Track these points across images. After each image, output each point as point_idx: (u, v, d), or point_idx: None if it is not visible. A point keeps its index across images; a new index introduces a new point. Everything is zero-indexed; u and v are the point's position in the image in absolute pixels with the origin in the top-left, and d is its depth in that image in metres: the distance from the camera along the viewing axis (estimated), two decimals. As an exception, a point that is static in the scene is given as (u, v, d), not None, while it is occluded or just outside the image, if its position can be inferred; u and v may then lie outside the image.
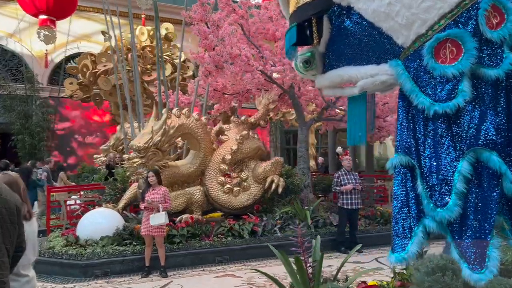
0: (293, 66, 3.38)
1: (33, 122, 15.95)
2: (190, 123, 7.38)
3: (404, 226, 2.64)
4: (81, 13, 17.38)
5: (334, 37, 2.90)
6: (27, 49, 16.46)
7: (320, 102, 8.60)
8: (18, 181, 2.93)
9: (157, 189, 5.97)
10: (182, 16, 17.28)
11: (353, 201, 7.19)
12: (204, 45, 6.77)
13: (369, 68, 2.75)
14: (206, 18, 6.64)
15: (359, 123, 2.90)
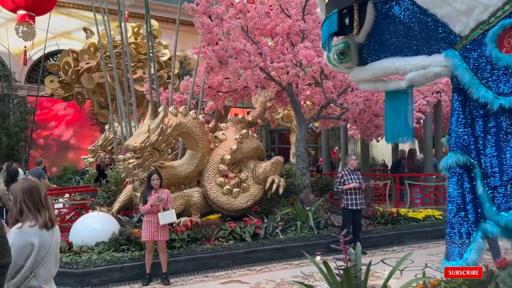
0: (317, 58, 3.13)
1: (11, 122, 15.27)
2: (188, 122, 7.05)
3: (461, 232, 2.43)
4: (60, 9, 16.71)
5: (378, 26, 2.68)
6: (4, 46, 15.71)
7: (318, 100, 8.41)
8: (38, 186, 2.64)
9: (160, 191, 5.65)
10: (167, 13, 16.85)
11: (357, 201, 7.02)
12: (207, 39, 6.46)
13: (419, 59, 2.53)
14: (209, 10, 6.33)
15: (404, 118, 2.67)
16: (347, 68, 3.05)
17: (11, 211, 2.59)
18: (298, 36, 7.67)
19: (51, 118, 17.34)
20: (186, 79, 8.78)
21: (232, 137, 7.76)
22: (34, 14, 13.11)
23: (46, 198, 2.61)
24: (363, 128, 8.61)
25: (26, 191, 2.54)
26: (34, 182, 2.69)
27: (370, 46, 2.78)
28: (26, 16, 12.89)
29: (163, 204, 5.50)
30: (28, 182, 2.66)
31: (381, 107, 7.99)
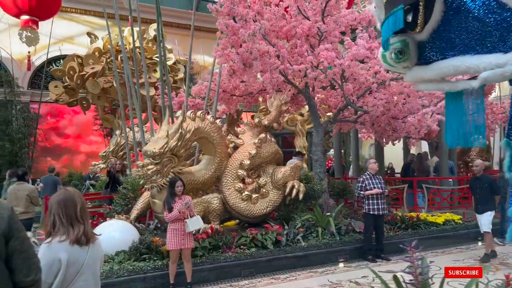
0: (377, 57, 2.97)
1: (14, 128, 15.04)
2: (206, 127, 6.88)
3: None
4: (63, 14, 16.57)
5: (447, 22, 2.52)
6: (6, 52, 15.50)
7: (334, 103, 8.26)
8: (75, 198, 2.44)
9: (183, 198, 5.48)
10: (170, 18, 16.63)
11: (379, 206, 6.88)
12: (231, 42, 6.30)
13: (495, 57, 2.36)
14: (233, 12, 6.18)
15: (477, 121, 2.52)
16: (404, 68, 2.89)
17: (45, 224, 2.42)
18: (315, 38, 7.54)
19: (63, 126, 17.20)
20: (199, 83, 8.60)
21: (250, 141, 7.61)
22: (37, 19, 12.92)
23: (84, 211, 2.43)
24: (380, 131, 8.47)
25: (61, 203, 2.39)
26: (71, 193, 2.49)
27: (435, 44, 2.62)
28: (29, 21, 12.71)
29: (189, 210, 5.33)
30: (64, 193, 2.49)
31: (400, 109, 7.87)
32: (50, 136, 16.99)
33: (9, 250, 1.77)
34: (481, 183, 7.03)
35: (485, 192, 6.98)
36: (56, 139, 17.05)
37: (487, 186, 6.96)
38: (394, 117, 8.01)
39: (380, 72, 6.97)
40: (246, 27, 6.09)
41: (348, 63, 6.54)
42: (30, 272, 1.87)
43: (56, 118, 17.23)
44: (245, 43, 6.15)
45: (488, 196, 6.97)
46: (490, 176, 7.50)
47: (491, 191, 6.97)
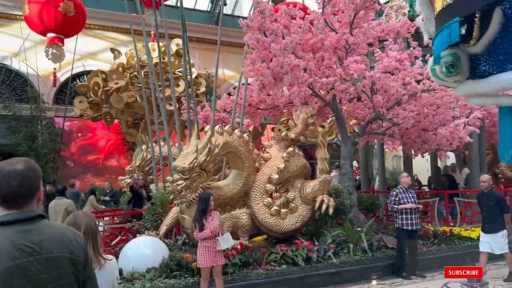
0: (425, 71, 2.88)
1: (39, 144, 15.28)
2: (234, 141, 6.84)
3: None
4: (87, 31, 16.87)
5: (505, 34, 2.42)
6: (32, 69, 15.86)
7: (362, 115, 8.14)
8: (79, 222, 2.41)
9: (213, 214, 5.42)
10: (190, 32, 16.78)
11: (413, 221, 6.68)
12: (262, 56, 6.28)
13: (560, 69, 2.26)
14: (264, 27, 6.17)
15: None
16: (455, 81, 2.80)
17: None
18: (342, 50, 7.47)
19: (94, 142, 17.44)
20: (225, 97, 8.60)
21: (277, 155, 7.52)
22: (63, 36, 13.19)
23: (87, 235, 2.36)
24: (409, 143, 8.29)
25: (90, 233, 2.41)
26: (76, 217, 2.49)
27: (492, 56, 2.52)
28: (55, 39, 12.96)
29: (220, 228, 5.27)
30: (72, 217, 2.51)
31: (430, 121, 7.69)
32: (82, 152, 17.25)
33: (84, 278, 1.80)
34: (488, 199, 6.58)
35: (493, 210, 6.51)
36: (88, 155, 17.28)
37: (494, 204, 6.50)
38: (424, 129, 7.83)
39: (411, 84, 6.84)
40: (277, 41, 6.06)
41: (379, 75, 6.43)
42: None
43: (87, 135, 17.49)
44: (275, 57, 6.10)
45: (495, 214, 6.48)
46: (498, 193, 7.01)
47: (499, 208, 6.50)
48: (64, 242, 1.71)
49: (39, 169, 1.80)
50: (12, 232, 1.63)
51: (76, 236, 1.79)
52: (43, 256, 1.64)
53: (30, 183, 1.70)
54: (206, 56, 18.44)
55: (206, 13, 20.94)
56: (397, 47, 6.95)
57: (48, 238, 1.68)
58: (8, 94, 15.76)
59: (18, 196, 1.68)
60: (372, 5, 6.92)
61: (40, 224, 1.70)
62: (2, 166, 1.71)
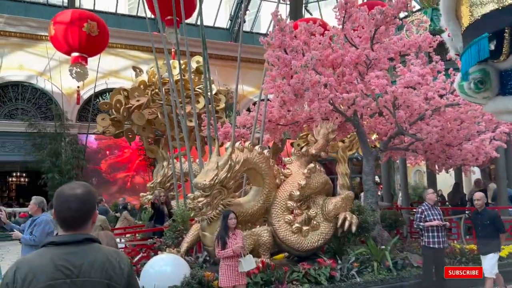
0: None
1: (63, 160, 15.61)
2: (254, 157, 6.81)
3: None
4: (109, 50, 17.32)
5: (537, 49, 2.34)
6: (57, 87, 16.31)
7: (384, 130, 8.03)
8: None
9: (236, 232, 5.37)
10: (209, 50, 16.97)
11: (439, 239, 6.46)
12: (283, 73, 6.29)
13: None
14: (284, 44, 6.20)
15: None
16: (484, 98, 2.72)
17: None
18: (363, 65, 7.42)
19: (124, 160, 17.76)
20: (244, 113, 8.63)
21: (298, 171, 7.46)
22: (86, 55, 13.56)
23: None
24: (433, 158, 8.12)
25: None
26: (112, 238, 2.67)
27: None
28: (79, 58, 13.34)
29: (243, 249, 5.21)
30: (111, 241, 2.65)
31: (455, 136, 7.53)
32: (112, 170, 17.55)
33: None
34: (483, 219, 6.19)
35: (487, 230, 6.12)
36: (117, 173, 17.57)
37: (488, 223, 6.11)
38: (449, 144, 7.67)
39: (434, 98, 6.73)
40: (297, 58, 6.07)
41: (401, 90, 6.35)
42: None
43: (115, 153, 17.79)
44: (296, 74, 6.11)
45: (490, 235, 6.08)
46: (494, 211, 6.59)
47: (494, 228, 6.09)
48: (104, 268, 1.75)
49: (95, 193, 1.91)
50: (58, 252, 1.73)
51: (121, 262, 1.81)
52: (80, 280, 1.70)
53: (87, 206, 1.82)
54: (225, 72, 18.66)
55: (225, 30, 21.26)
56: (419, 61, 6.87)
57: (90, 262, 1.73)
58: (34, 112, 16.21)
59: (76, 219, 1.79)
60: (393, 20, 6.88)
61: (86, 247, 1.77)
62: (63, 190, 1.82)
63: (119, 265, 1.80)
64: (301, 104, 6.61)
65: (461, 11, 2.63)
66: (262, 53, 8.04)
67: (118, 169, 17.54)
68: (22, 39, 16.37)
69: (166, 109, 10.81)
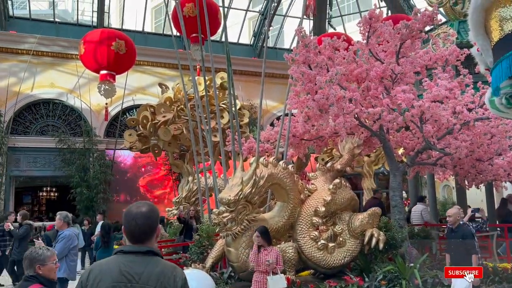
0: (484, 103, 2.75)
1: (91, 175, 15.96)
2: (279, 173, 6.79)
3: None
4: (136, 67, 17.75)
5: None
6: (86, 104, 16.78)
7: (411, 145, 7.89)
8: None
9: (270, 249, 5.34)
10: (234, 66, 17.26)
11: (470, 257, 6.26)
12: (307, 89, 6.31)
13: None
14: (309, 60, 6.24)
15: None
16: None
17: None
18: (388, 80, 7.36)
19: (160, 178, 18.06)
20: (268, 128, 8.65)
21: (323, 186, 7.39)
22: (114, 73, 13.93)
23: None
24: (462, 174, 7.91)
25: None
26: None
27: (558, 86, 2.38)
28: (107, 76, 13.71)
29: (271, 268, 5.17)
30: None
31: (485, 150, 7.33)
32: (150, 187, 17.89)
33: None
34: (455, 236, 5.76)
35: (459, 250, 5.70)
36: (155, 190, 17.87)
37: (461, 242, 5.72)
38: (479, 159, 7.47)
39: (462, 113, 6.59)
40: (322, 73, 6.08)
41: (428, 104, 6.26)
42: None
43: (151, 170, 18.08)
44: (320, 89, 6.11)
45: (463, 254, 5.67)
46: (467, 229, 6.03)
47: (466, 248, 5.66)
48: (160, 279, 2.01)
49: (158, 210, 2.20)
50: (124, 260, 2.04)
51: (176, 276, 2.08)
52: (138, 285, 1.98)
53: (151, 222, 2.11)
54: (249, 88, 18.82)
55: (249, 46, 21.50)
56: (446, 75, 6.76)
57: (149, 272, 2.01)
58: (64, 128, 16.69)
59: (142, 234, 2.08)
60: (418, 34, 6.82)
61: (148, 258, 2.05)
62: (131, 209, 2.14)
63: (174, 278, 2.05)
64: (326, 119, 6.58)
65: (490, 25, 2.60)
66: (285, 68, 8.07)
67: (155, 186, 17.86)
68: (53, 58, 16.98)
69: (191, 125, 10.98)
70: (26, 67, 15.77)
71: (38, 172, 16.51)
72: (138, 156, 17.08)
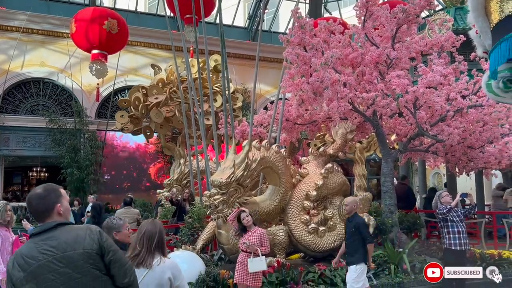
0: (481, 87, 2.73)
1: (82, 156, 15.80)
2: (271, 156, 6.77)
3: None
4: (128, 48, 17.44)
5: None
6: (77, 84, 16.52)
7: (404, 131, 7.88)
8: (140, 228, 3.00)
9: (253, 230, 5.34)
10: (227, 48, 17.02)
11: (461, 241, 6.34)
12: (302, 71, 6.24)
13: None
14: (304, 42, 6.14)
15: None
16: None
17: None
18: (383, 65, 7.31)
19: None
20: (262, 112, 8.59)
21: (315, 171, 7.40)
22: (106, 53, 13.69)
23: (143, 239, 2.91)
24: (454, 161, 7.94)
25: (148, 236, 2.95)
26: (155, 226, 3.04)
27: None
28: (99, 55, 13.48)
29: (250, 250, 5.15)
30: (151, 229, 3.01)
31: (477, 138, 7.35)
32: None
33: (106, 263, 2.30)
34: (350, 226, 5.64)
35: (353, 238, 5.55)
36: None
37: (354, 231, 5.56)
38: (470, 147, 7.49)
39: (456, 99, 6.57)
40: (317, 56, 6.00)
41: (422, 90, 6.23)
42: (125, 275, 2.36)
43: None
44: (315, 72, 6.04)
45: (356, 244, 5.53)
46: (361, 218, 5.90)
47: (360, 237, 5.52)
48: (77, 241, 2.25)
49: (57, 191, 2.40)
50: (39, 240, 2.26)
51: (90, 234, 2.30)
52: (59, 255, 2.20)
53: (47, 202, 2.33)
54: (243, 71, 18.64)
55: (244, 29, 21.24)
56: (442, 61, 6.72)
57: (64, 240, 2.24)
58: (54, 108, 16.45)
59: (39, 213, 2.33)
60: (415, 19, 6.75)
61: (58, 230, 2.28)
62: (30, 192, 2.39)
63: (89, 236, 2.28)
64: (320, 103, 6.53)
65: (491, 7, 2.55)
66: (280, 52, 7.95)
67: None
68: (44, 36, 16.61)
69: (184, 107, 10.86)
70: (16, 45, 15.42)
71: (28, 152, 16.29)
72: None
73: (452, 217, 6.38)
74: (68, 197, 2.56)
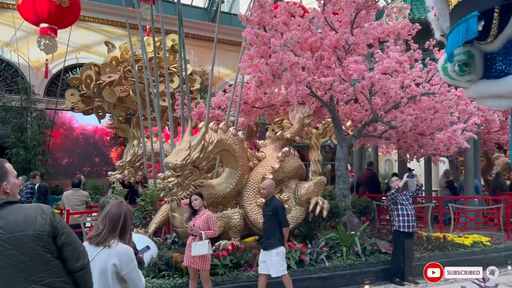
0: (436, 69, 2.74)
1: (29, 135, 14.98)
2: (228, 139, 6.67)
3: None
4: (80, 23, 16.56)
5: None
6: (24, 59, 15.54)
7: (359, 117, 8.01)
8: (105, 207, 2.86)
9: (201, 213, 5.23)
10: (186, 28, 16.62)
11: (409, 224, 6.57)
12: (261, 52, 6.11)
13: None
14: (264, 21, 6.01)
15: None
16: (467, 81, 2.66)
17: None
18: (341, 50, 7.34)
19: None
20: (220, 94, 8.43)
21: (272, 155, 7.38)
22: (56, 27, 12.90)
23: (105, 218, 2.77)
24: (405, 147, 8.18)
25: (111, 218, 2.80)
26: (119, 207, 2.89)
27: (510, 55, 2.38)
28: (48, 29, 12.66)
29: (194, 233, 5.06)
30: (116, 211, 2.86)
31: (428, 125, 7.59)
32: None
33: (58, 245, 2.16)
34: (267, 209, 5.55)
35: (270, 222, 5.44)
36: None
37: (271, 214, 5.45)
38: (422, 133, 7.73)
39: (410, 87, 6.72)
40: (276, 37, 5.91)
41: (378, 76, 6.31)
42: (78, 259, 2.22)
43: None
44: (274, 53, 5.95)
45: (273, 228, 5.42)
46: (278, 202, 5.75)
47: (277, 221, 5.41)
48: (27, 222, 2.11)
49: (2, 167, 2.24)
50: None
51: (41, 214, 2.16)
52: (6, 236, 2.06)
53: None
54: (201, 53, 18.24)
55: (203, 10, 20.77)
56: (398, 48, 6.84)
57: (13, 221, 2.10)
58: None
59: None
60: (374, 5, 6.80)
61: (7, 209, 2.13)
62: None
63: (40, 216, 2.14)
64: (278, 85, 6.47)
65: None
66: (240, 35, 7.79)
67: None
68: (-14, 7, 15.47)
69: (138, 87, 10.49)
70: (-47, 15, 14.25)
71: (-31, 130, 15.26)
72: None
73: (401, 200, 6.59)
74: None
